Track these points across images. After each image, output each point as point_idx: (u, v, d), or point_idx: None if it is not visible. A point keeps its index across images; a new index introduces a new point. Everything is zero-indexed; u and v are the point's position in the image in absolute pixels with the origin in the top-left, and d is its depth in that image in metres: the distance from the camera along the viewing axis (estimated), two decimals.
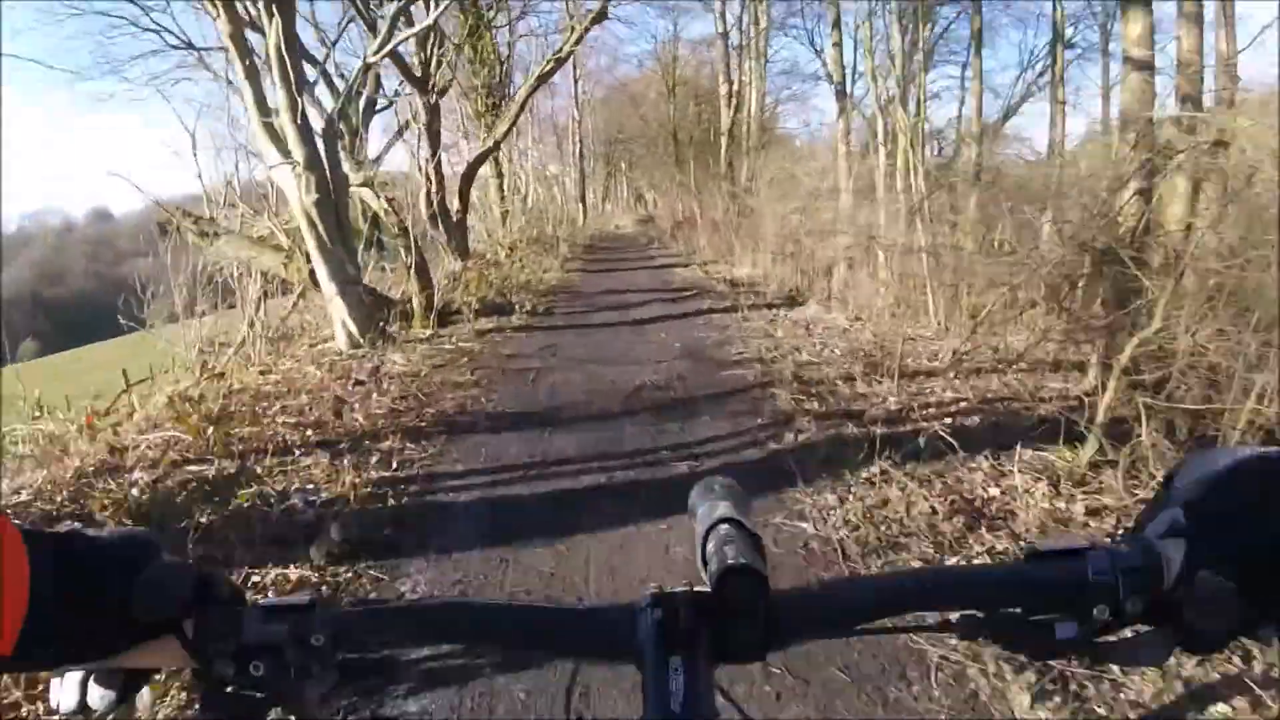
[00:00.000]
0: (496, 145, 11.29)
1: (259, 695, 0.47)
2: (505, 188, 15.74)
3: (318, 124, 6.43)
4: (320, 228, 6.37)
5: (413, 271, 7.68)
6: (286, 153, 6.29)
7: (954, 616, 0.51)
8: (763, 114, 20.74)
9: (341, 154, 14.75)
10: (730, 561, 0.48)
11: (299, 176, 6.37)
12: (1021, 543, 1.72)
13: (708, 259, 13.29)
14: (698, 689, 0.46)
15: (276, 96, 6.21)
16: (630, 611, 0.50)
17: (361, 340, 6.52)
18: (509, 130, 11.18)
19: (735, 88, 19.50)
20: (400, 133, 13.30)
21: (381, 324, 6.71)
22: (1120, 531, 0.69)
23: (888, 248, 7.12)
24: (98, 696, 0.47)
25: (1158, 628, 0.48)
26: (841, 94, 13.42)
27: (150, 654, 0.48)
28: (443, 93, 14.29)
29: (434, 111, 10.49)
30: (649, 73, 26.12)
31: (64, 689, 0.48)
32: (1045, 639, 0.49)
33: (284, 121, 6.20)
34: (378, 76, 13.06)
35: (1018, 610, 0.49)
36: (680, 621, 0.48)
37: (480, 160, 11.43)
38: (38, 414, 4.49)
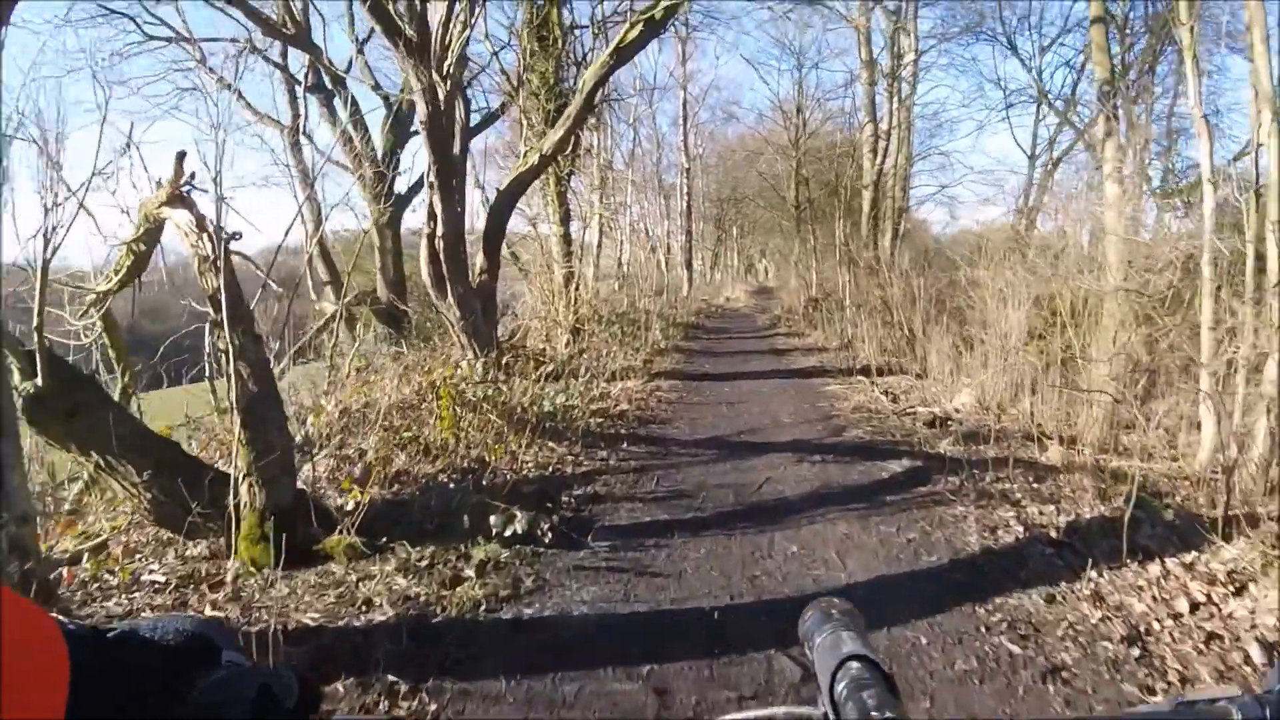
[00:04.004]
0: (545, 163, 6.75)
1: None
2: (580, 240, 11.21)
3: None
4: None
5: (238, 425, 3.04)
6: None
7: None
8: (909, 166, 16.20)
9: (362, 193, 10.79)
10: (875, 714, 0.44)
11: None
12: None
13: (877, 364, 8.14)
14: None
15: None
16: None
17: None
18: (566, 139, 6.63)
19: (886, 127, 14.83)
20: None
21: None
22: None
23: None
24: None
25: None
26: (1107, 95, 8.12)
27: None
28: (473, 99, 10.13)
29: (441, 106, 6.04)
30: (770, 125, 21.62)
31: None
32: None
33: None
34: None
35: None
36: None
37: (520, 186, 6.90)
38: None
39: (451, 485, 3.80)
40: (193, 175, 3.56)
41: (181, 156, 3.50)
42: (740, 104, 43.04)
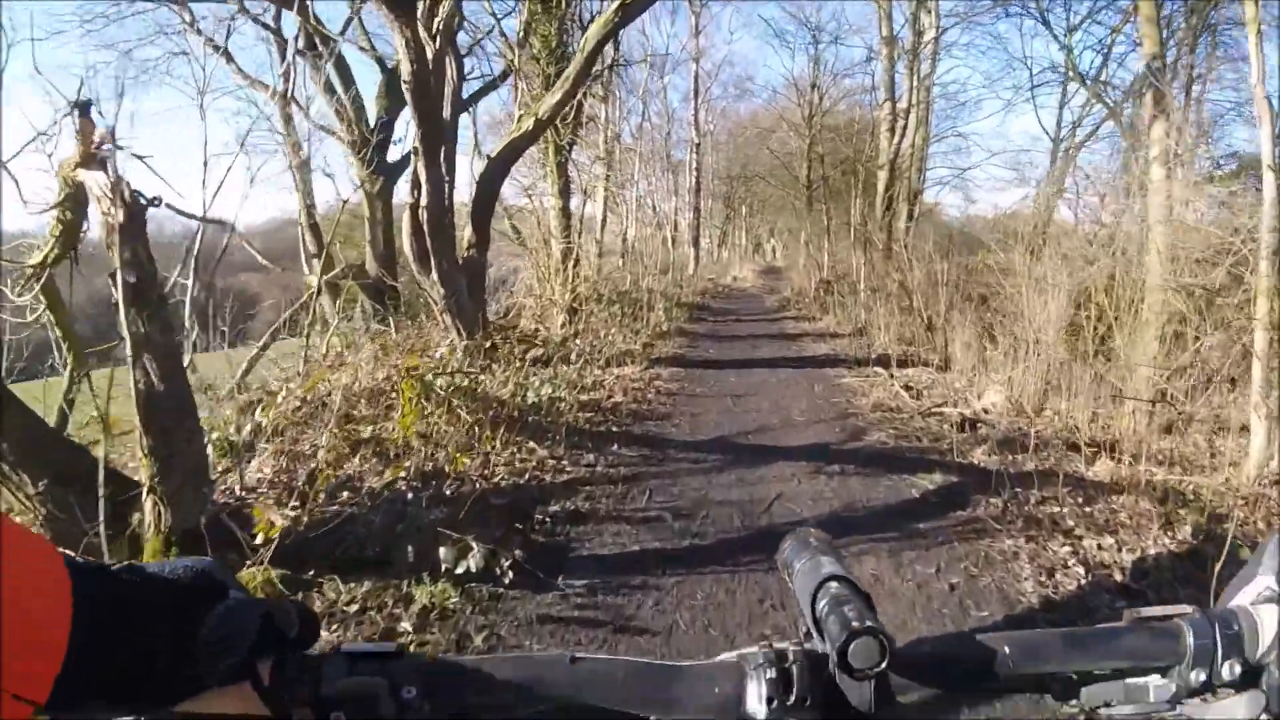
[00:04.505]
0: (541, 128, 6.11)
1: None
2: (582, 214, 10.54)
3: None
4: None
5: (139, 431, 2.48)
6: None
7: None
8: (926, 146, 15.83)
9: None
10: (855, 624, 0.45)
11: None
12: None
13: (895, 354, 7.52)
14: None
15: None
16: (739, 671, 0.46)
17: None
18: (564, 103, 5.98)
19: (905, 106, 14.19)
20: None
21: None
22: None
23: None
24: None
25: (1247, 691, 0.48)
26: (1158, 72, 7.39)
27: (215, 701, 0.41)
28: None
29: (429, 66, 5.40)
30: (784, 102, 20.88)
31: None
32: (1140, 699, 0.49)
33: None
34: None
35: (1115, 670, 0.50)
36: (794, 682, 0.45)
37: (514, 153, 6.27)
38: None
39: (410, 495, 3.24)
40: (108, 133, 2.98)
41: (85, 108, 2.91)
42: (754, 80, 42.01)
